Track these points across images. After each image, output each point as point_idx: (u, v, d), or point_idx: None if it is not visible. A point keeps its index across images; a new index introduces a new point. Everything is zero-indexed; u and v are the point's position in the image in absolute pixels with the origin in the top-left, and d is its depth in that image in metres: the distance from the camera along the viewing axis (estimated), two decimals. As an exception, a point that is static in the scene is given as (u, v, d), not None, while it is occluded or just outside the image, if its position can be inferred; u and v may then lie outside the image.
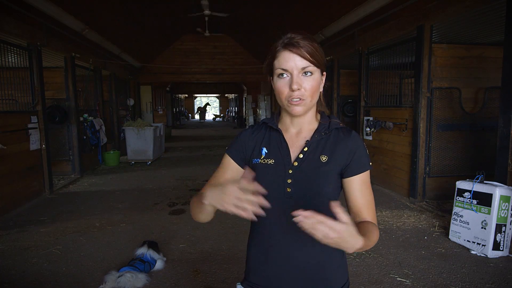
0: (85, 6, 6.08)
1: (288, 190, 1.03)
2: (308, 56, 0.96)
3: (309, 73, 0.98)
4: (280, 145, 1.07)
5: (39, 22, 5.01)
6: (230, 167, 1.12)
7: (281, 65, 0.98)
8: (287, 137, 1.08)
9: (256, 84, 15.36)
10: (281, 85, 0.99)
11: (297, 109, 1.00)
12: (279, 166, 1.05)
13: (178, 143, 12.71)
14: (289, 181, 1.03)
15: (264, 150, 1.08)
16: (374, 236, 0.95)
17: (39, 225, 3.92)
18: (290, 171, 1.03)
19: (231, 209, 0.81)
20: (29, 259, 3.06)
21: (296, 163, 1.04)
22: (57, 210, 4.49)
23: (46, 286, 2.62)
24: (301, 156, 1.04)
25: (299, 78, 0.97)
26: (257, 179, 1.05)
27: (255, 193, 0.80)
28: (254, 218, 0.81)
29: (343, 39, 6.54)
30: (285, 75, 0.99)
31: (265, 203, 0.80)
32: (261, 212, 0.80)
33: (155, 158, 8.25)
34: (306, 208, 0.99)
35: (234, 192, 0.80)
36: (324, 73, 1.05)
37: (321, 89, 1.07)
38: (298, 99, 0.98)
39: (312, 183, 1.02)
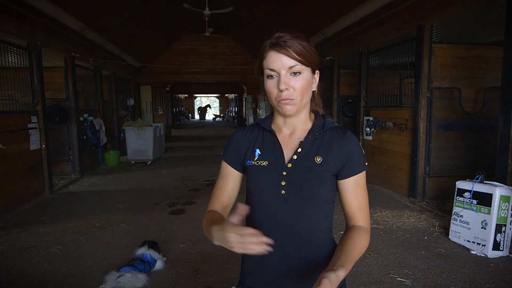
0: (85, 6, 6.08)
1: (283, 192, 1.01)
2: (295, 55, 0.94)
3: (297, 73, 0.96)
4: (273, 147, 1.05)
5: (39, 22, 5.01)
6: (230, 175, 1.11)
7: (269, 65, 0.97)
8: (280, 138, 1.06)
9: (256, 84, 15.06)
10: (270, 85, 0.98)
11: (288, 108, 0.98)
12: (273, 168, 1.03)
13: (178, 143, 12.71)
14: (283, 183, 1.01)
15: (258, 151, 1.06)
16: (360, 248, 0.96)
17: (39, 225, 3.92)
18: (284, 173, 1.01)
19: (241, 251, 0.81)
20: (29, 259, 3.06)
21: (289, 165, 1.01)
22: (57, 210, 4.49)
23: (46, 286, 2.62)
24: (294, 157, 1.02)
25: (286, 77, 0.96)
26: (250, 181, 1.06)
27: (254, 233, 0.79)
28: (265, 251, 0.80)
29: (343, 39, 6.54)
30: (274, 76, 0.97)
31: (266, 239, 0.79)
32: (267, 248, 0.80)
33: (155, 158, 8.26)
34: (300, 211, 1.01)
35: (235, 239, 0.80)
36: (317, 71, 1.03)
37: (315, 88, 1.05)
38: (287, 99, 0.97)
39: (307, 185, 1.00)
